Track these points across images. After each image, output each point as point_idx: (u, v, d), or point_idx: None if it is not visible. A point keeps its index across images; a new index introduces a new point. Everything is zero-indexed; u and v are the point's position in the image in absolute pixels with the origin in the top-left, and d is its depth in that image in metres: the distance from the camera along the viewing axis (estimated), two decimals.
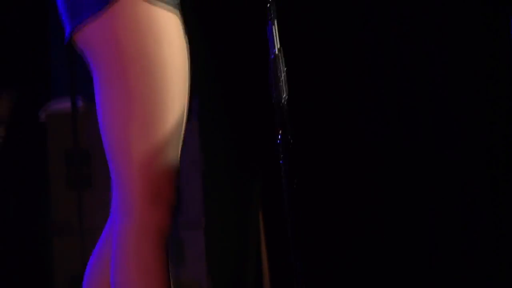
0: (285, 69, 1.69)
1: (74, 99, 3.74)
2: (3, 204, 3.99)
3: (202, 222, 3.87)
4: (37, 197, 3.99)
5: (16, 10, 4.10)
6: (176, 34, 1.83)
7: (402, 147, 3.63)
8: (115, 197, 1.86)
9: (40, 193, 3.95)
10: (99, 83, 1.83)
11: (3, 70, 4.14)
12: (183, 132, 1.86)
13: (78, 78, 3.67)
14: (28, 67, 4.10)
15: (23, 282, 3.97)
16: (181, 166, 3.93)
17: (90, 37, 1.82)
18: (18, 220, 4.02)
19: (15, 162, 3.98)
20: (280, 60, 1.69)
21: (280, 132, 1.71)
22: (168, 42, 1.80)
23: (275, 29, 1.65)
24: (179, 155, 1.86)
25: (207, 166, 3.92)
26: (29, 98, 4.01)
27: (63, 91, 3.95)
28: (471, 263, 3.52)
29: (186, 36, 1.89)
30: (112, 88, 1.80)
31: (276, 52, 1.68)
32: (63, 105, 3.88)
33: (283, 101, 1.72)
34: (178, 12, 1.87)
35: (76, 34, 1.85)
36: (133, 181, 1.80)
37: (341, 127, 3.68)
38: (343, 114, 3.68)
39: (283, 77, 1.70)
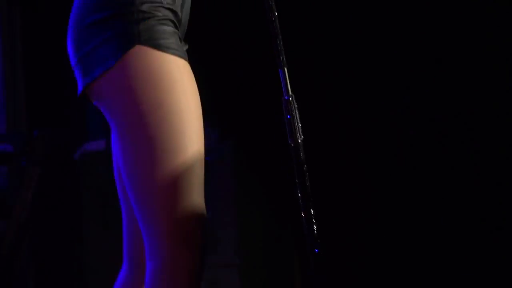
0: (298, 113, 1.73)
1: (109, 141, 3.79)
2: (38, 243, 4.03)
3: (236, 262, 3.89)
4: (71, 237, 4.03)
5: (55, 56, 4.18)
6: (187, 78, 1.87)
7: (416, 185, 3.65)
8: (145, 242, 1.88)
9: (75, 233, 3.99)
10: (118, 134, 1.87)
11: (42, 113, 4.21)
12: (203, 173, 1.89)
13: None
14: (64, 110, 4.17)
15: None
16: (216, 207, 3.97)
17: (105, 90, 1.86)
18: (52, 259, 4.06)
19: (50, 202, 4.03)
20: (293, 105, 1.73)
21: (296, 174, 1.74)
22: (182, 88, 1.84)
23: (285, 75, 1.69)
24: (203, 196, 1.88)
25: (241, 206, 3.95)
26: (65, 139, 4.06)
27: (98, 133, 4.00)
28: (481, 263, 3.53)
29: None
30: (131, 138, 1.84)
31: (288, 98, 1.72)
32: (98, 146, 3.93)
33: (298, 142, 1.75)
34: (186, 58, 1.90)
35: (90, 88, 1.89)
36: (161, 226, 1.83)
37: (355, 164, 3.71)
38: (356, 152, 3.71)
39: (297, 121, 1.74)
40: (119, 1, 1.84)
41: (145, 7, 1.84)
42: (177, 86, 1.83)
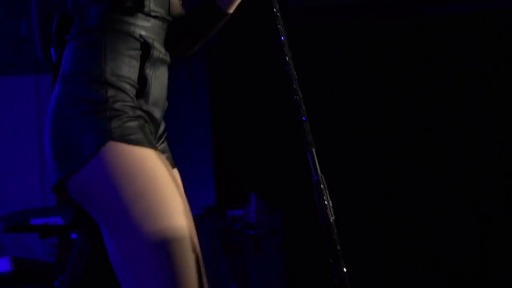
0: (328, 193, 1.72)
1: None
2: None
3: None
4: None
5: None
6: (161, 165, 1.92)
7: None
8: None
9: None
10: (106, 228, 1.92)
11: None
12: (197, 243, 1.92)
13: None
14: None
15: None
16: (264, 278, 3.95)
17: (82, 184, 1.91)
18: None
19: (98, 274, 4.04)
20: (323, 185, 1.73)
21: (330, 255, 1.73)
22: (159, 174, 1.90)
23: (314, 156, 1.69)
24: (205, 274, 1.90)
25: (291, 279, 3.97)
26: None
27: None
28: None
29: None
30: (119, 230, 1.88)
31: (318, 178, 1.71)
32: None
33: (330, 222, 1.74)
34: (157, 149, 1.97)
35: (66, 182, 1.93)
36: None
37: (387, 241, 3.73)
38: (386, 230, 3.74)
39: (327, 201, 1.73)
40: (93, 99, 1.92)
41: (117, 105, 1.92)
42: (153, 174, 1.89)
